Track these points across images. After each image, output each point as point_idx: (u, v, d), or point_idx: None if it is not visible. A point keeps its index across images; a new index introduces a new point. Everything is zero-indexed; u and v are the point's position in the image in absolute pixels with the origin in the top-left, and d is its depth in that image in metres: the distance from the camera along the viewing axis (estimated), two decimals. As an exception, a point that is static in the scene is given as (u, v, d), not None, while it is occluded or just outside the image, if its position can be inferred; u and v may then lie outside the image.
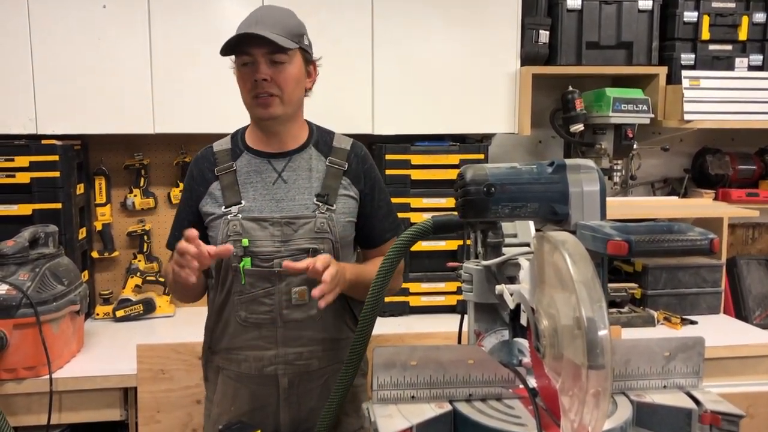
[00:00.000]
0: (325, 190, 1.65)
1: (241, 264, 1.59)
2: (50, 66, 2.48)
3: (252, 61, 1.57)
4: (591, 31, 2.78)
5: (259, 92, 1.57)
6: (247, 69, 1.58)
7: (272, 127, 1.64)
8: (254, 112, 1.62)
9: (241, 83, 1.61)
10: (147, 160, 2.86)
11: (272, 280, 1.60)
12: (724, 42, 2.87)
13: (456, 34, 2.68)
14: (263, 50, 1.56)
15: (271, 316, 1.62)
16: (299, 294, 1.60)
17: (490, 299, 1.18)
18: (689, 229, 0.89)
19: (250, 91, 1.59)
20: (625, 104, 2.73)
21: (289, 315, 1.61)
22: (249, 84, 1.58)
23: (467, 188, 1.05)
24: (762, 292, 2.95)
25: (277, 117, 1.61)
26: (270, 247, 1.59)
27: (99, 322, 2.67)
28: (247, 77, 1.58)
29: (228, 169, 1.66)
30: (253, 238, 1.59)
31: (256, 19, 1.58)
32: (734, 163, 3.09)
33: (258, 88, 1.57)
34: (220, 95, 2.55)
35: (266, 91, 1.57)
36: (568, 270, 0.83)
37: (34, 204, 2.48)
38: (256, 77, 1.56)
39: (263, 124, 1.64)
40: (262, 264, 1.60)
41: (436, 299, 2.72)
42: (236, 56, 1.59)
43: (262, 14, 1.60)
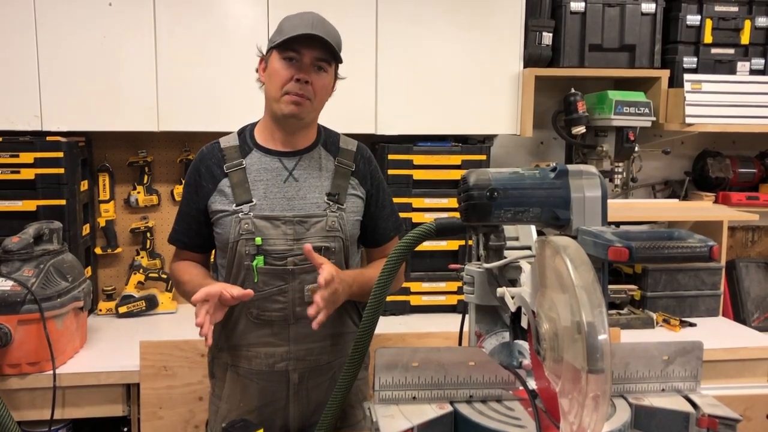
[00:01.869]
0: (336, 189, 1.67)
1: (254, 262, 1.60)
2: (55, 63, 2.49)
3: (297, 59, 1.57)
4: (594, 34, 2.80)
5: (296, 91, 1.57)
6: (289, 65, 1.57)
7: (291, 125, 1.64)
8: (280, 107, 1.60)
9: (276, 76, 1.59)
10: (151, 157, 2.87)
11: (286, 278, 1.62)
12: (726, 46, 2.88)
13: (459, 35, 2.70)
14: (315, 53, 1.57)
15: (284, 314, 1.63)
16: (312, 291, 1.62)
17: (492, 301, 1.19)
18: (689, 235, 0.90)
19: (283, 86, 1.57)
20: (627, 107, 2.74)
21: (302, 312, 1.62)
22: (285, 79, 1.57)
23: (470, 192, 1.06)
24: (761, 295, 2.97)
25: (302, 119, 1.63)
26: (283, 245, 1.61)
27: (102, 318, 2.68)
28: (285, 72, 1.57)
29: (237, 166, 1.65)
30: (266, 236, 1.60)
31: (311, 23, 1.57)
32: (735, 167, 3.10)
33: (295, 87, 1.57)
34: (225, 93, 2.57)
35: (303, 92, 1.58)
36: (569, 275, 0.85)
37: (39, 200, 2.49)
38: (299, 77, 1.56)
39: (283, 122, 1.63)
40: (276, 262, 1.61)
41: (437, 299, 2.73)
42: (280, 50, 1.58)
43: (315, 19, 1.59)
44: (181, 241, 1.75)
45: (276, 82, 1.59)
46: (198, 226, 1.70)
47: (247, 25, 2.57)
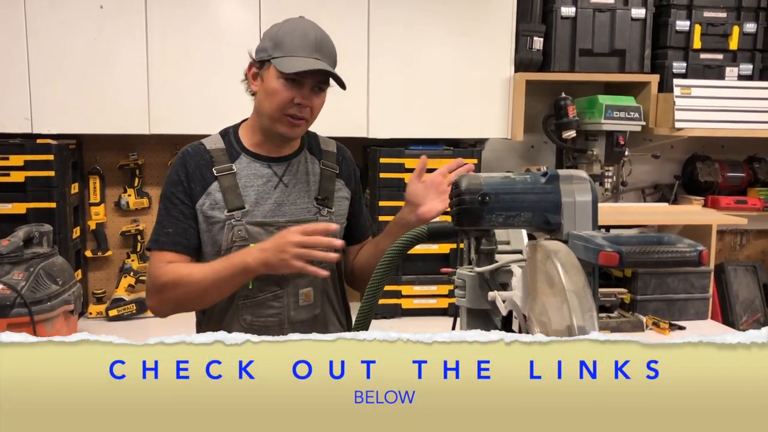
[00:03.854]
0: (323, 193, 1.66)
1: None
2: (46, 65, 2.49)
3: (298, 83, 1.53)
4: (584, 39, 2.82)
5: (295, 113, 1.55)
6: (289, 85, 1.53)
7: (284, 141, 1.63)
8: (278, 128, 1.57)
9: (275, 96, 1.54)
10: (142, 160, 2.87)
11: (281, 282, 1.60)
12: (715, 51, 2.91)
13: (450, 39, 2.71)
14: (318, 78, 1.54)
15: (278, 319, 1.62)
16: (305, 295, 1.61)
17: (483, 305, 1.20)
18: (679, 240, 0.91)
19: (283, 108, 1.54)
20: (618, 111, 2.76)
21: (296, 316, 1.62)
22: (285, 101, 1.53)
23: (462, 197, 1.07)
24: (749, 298, 2.99)
25: (297, 137, 1.62)
26: None
27: (92, 321, 2.67)
28: (286, 94, 1.53)
29: (228, 170, 1.61)
30: (260, 242, 1.56)
31: (316, 45, 1.53)
32: (723, 171, 3.13)
33: (294, 110, 1.54)
34: (216, 96, 2.57)
35: (302, 114, 1.55)
36: (560, 279, 0.85)
37: (29, 203, 2.48)
38: (299, 101, 1.53)
39: (277, 138, 1.61)
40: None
41: (428, 302, 2.74)
42: (281, 70, 1.52)
43: (319, 40, 1.54)
44: (180, 243, 1.58)
45: (275, 102, 1.54)
46: (196, 224, 1.60)
47: (239, 28, 2.57)
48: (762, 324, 2.94)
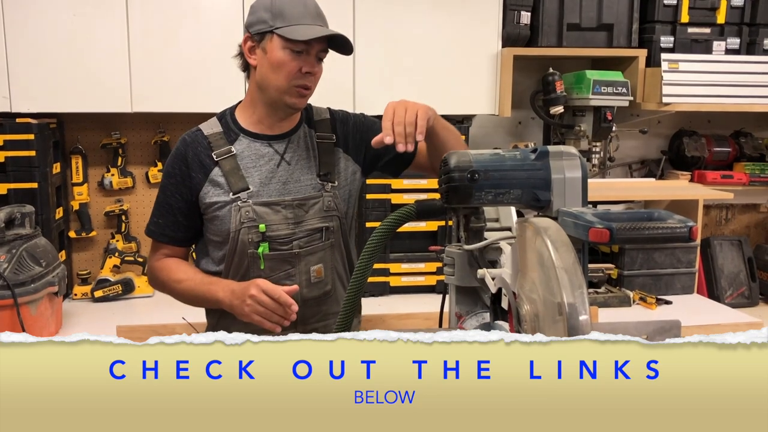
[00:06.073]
0: (325, 168, 1.66)
1: (260, 249, 1.58)
2: (24, 42, 2.43)
3: (305, 52, 1.53)
4: (572, 13, 2.79)
5: (304, 83, 1.55)
6: (297, 57, 1.53)
7: (289, 113, 1.63)
8: (287, 100, 1.57)
9: (283, 67, 1.54)
10: (124, 138, 2.82)
11: (292, 261, 1.61)
12: (702, 25, 2.90)
13: (437, 14, 2.67)
14: (321, 46, 1.55)
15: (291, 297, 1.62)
16: (317, 272, 1.63)
17: (472, 283, 1.19)
18: (669, 216, 0.90)
19: (292, 79, 1.54)
20: (605, 87, 2.74)
21: (308, 294, 1.63)
22: (293, 72, 1.54)
23: (451, 174, 1.05)
24: (734, 272, 3.02)
25: (302, 108, 1.63)
26: (285, 230, 1.60)
27: (77, 302, 2.64)
28: (294, 64, 1.53)
29: (227, 153, 1.60)
30: (269, 222, 1.58)
31: (317, 12, 1.55)
32: (710, 146, 3.14)
33: (303, 80, 1.55)
34: (200, 73, 2.53)
35: (309, 83, 1.56)
36: (550, 256, 0.84)
37: (10, 183, 2.44)
38: (309, 70, 1.54)
39: (284, 110, 1.61)
40: (281, 247, 1.60)
41: (417, 279, 2.74)
42: (289, 42, 1.52)
43: (317, 7, 1.56)
44: (167, 235, 1.65)
45: (283, 73, 1.54)
46: (187, 219, 1.63)
47: (221, 3, 2.52)
48: (746, 298, 2.97)
